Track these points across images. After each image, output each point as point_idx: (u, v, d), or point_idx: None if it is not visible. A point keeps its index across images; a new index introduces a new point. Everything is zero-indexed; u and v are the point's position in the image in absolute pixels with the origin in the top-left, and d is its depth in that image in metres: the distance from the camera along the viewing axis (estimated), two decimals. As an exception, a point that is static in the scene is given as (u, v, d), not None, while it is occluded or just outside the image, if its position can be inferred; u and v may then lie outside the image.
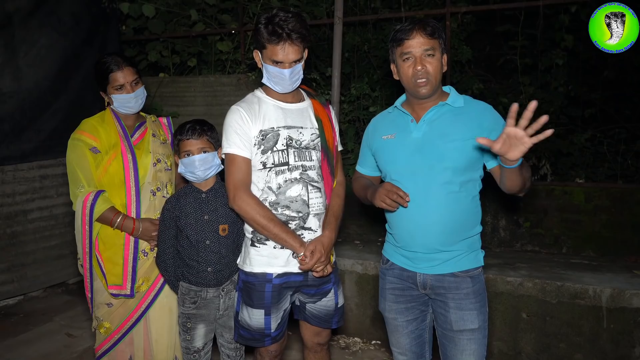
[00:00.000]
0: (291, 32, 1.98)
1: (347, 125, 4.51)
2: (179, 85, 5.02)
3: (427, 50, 1.89)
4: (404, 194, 1.88)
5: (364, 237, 4.17)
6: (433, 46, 1.90)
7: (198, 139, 2.20)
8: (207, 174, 2.23)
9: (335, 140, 2.29)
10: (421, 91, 1.92)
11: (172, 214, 2.26)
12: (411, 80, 1.93)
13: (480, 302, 1.97)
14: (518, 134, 1.57)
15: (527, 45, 4.43)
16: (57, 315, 4.01)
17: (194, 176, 2.23)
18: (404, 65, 1.94)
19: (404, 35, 1.91)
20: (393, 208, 1.93)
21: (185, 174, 2.25)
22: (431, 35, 1.89)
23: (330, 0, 4.55)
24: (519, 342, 3.06)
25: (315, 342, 2.35)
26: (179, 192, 2.32)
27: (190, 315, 2.27)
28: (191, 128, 2.21)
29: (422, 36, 1.89)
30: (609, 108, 4.69)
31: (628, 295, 2.82)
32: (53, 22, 4.37)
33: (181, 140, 2.21)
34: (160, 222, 2.30)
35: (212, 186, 2.30)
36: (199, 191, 2.28)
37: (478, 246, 2.02)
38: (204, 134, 2.22)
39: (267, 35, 1.99)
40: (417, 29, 1.89)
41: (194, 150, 2.19)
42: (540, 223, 3.79)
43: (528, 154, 4.26)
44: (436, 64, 1.91)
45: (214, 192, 2.29)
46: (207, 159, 2.21)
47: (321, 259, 2.05)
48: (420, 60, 1.90)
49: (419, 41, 1.89)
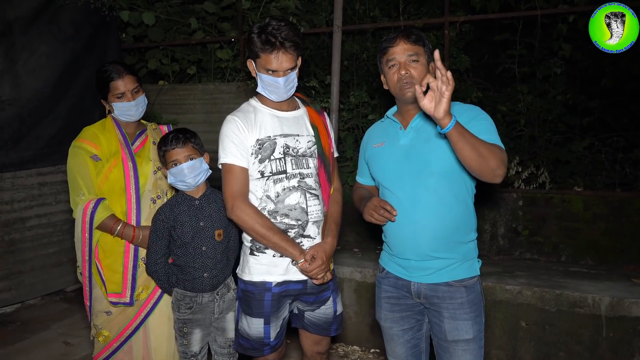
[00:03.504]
0: (284, 40, 1.99)
1: (346, 133, 4.52)
2: (179, 93, 5.02)
3: (410, 56, 1.93)
4: (391, 209, 1.93)
5: (363, 245, 4.17)
6: (417, 52, 1.94)
7: (183, 147, 2.20)
8: (197, 180, 2.23)
9: (332, 147, 2.30)
10: (407, 94, 1.95)
11: (165, 224, 2.25)
12: (397, 86, 1.97)
13: (476, 312, 1.95)
14: (439, 85, 1.63)
15: (525, 54, 4.45)
16: (55, 323, 3.98)
17: (185, 184, 2.22)
18: (390, 72, 1.98)
19: (389, 43, 1.97)
20: (381, 223, 1.99)
21: (175, 184, 2.24)
22: (415, 42, 1.94)
23: (330, 9, 4.58)
24: (518, 350, 3.05)
25: (315, 351, 2.34)
26: (170, 202, 2.30)
27: (186, 321, 2.27)
28: (175, 137, 2.20)
29: (405, 43, 1.93)
30: (607, 116, 4.71)
31: (627, 304, 2.81)
32: (53, 30, 4.39)
33: (167, 151, 2.21)
34: (152, 233, 2.27)
35: (204, 192, 2.30)
36: (191, 199, 2.27)
37: (474, 255, 2.01)
38: (188, 141, 2.22)
39: (260, 45, 2.00)
40: (401, 37, 1.95)
41: (180, 159, 2.19)
42: (539, 231, 3.80)
43: (526, 162, 4.25)
44: (421, 68, 1.94)
45: (207, 198, 2.29)
46: (195, 166, 2.20)
47: (322, 266, 2.06)
48: (404, 65, 1.94)
49: (403, 47, 1.94)
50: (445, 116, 1.65)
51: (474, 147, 1.71)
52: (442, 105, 1.63)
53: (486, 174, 1.78)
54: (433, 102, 1.65)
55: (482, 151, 1.73)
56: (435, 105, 1.65)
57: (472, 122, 1.86)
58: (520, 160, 4.14)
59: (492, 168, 1.75)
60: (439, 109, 1.64)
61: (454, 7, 4.55)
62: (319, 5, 4.77)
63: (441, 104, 1.63)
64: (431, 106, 1.66)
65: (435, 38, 4.46)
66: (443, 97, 1.62)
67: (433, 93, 1.65)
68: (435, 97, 1.65)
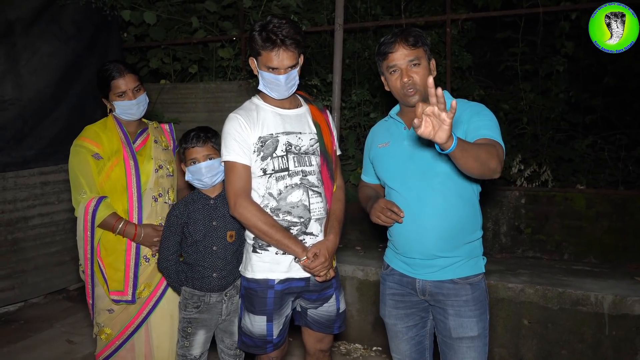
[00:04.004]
0: (285, 38, 1.99)
1: (348, 132, 4.51)
2: (180, 92, 5.03)
3: (411, 61, 1.91)
4: (398, 210, 1.93)
5: (365, 243, 4.17)
6: (417, 56, 1.92)
7: (203, 146, 2.22)
8: (214, 180, 2.25)
9: (334, 144, 2.30)
10: (411, 101, 1.95)
11: (179, 220, 2.25)
12: (400, 92, 1.96)
13: (480, 310, 1.95)
14: (435, 111, 1.47)
15: (528, 52, 4.45)
16: (58, 321, 4.00)
17: (202, 183, 2.24)
18: (392, 78, 1.97)
19: (388, 48, 1.94)
20: (389, 224, 1.98)
21: (192, 182, 2.26)
22: (414, 45, 1.91)
23: (331, 7, 4.57)
24: (520, 349, 3.05)
25: (318, 349, 2.35)
26: (186, 199, 2.31)
27: (192, 320, 2.26)
28: (196, 136, 2.23)
29: (405, 48, 1.91)
30: (609, 114, 4.69)
31: (630, 302, 2.81)
32: (55, 30, 4.40)
33: (187, 148, 2.23)
34: (166, 228, 2.29)
35: (219, 192, 2.31)
36: (207, 197, 2.29)
37: (479, 252, 2.01)
38: (209, 140, 2.24)
39: (261, 42, 2.01)
40: (399, 41, 1.91)
41: (199, 158, 2.21)
42: (542, 229, 3.79)
43: (529, 160, 4.24)
44: (423, 72, 1.92)
45: (222, 199, 2.29)
46: (213, 166, 2.22)
47: (325, 263, 2.06)
48: (406, 71, 1.92)
49: (403, 53, 1.91)
50: (447, 140, 1.52)
51: (475, 159, 1.65)
52: (443, 132, 1.49)
53: (487, 175, 1.76)
54: (430, 127, 1.50)
55: (482, 157, 1.68)
56: (436, 132, 1.50)
57: (473, 117, 1.86)
58: (522, 158, 4.14)
59: (492, 169, 1.73)
60: (441, 135, 1.50)
61: (456, 5, 4.55)
62: (320, 4, 4.77)
63: (442, 130, 1.49)
64: (430, 132, 1.50)
65: (437, 36, 4.45)
66: (444, 124, 1.48)
67: (429, 119, 1.50)
68: (433, 123, 1.50)
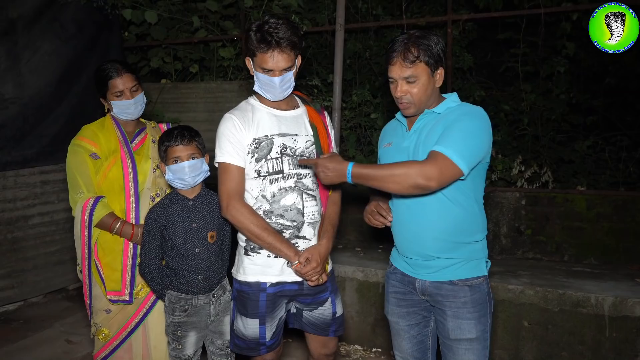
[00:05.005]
0: (281, 39, 1.94)
1: (348, 132, 4.51)
2: (181, 91, 5.03)
3: (406, 78, 1.90)
4: (386, 214, 1.99)
5: (365, 244, 4.16)
6: (414, 73, 1.88)
7: (187, 145, 2.15)
8: (196, 180, 2.19)
9: (331, 147, 2.26)
10: (405, 112, 1.97)
11: (157, 223, 2.19)
12: (397, 101, 1.98)
13: (480, 312, 1.93)
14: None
15: (529, 53, 4.44)
16: (57, 321, 3.99)
17: (183, 183, 2.17)
18: (391, 86, 1.98)
19: (389, 58, 1.93)
20: (379, 226, 2.05)
21: (173, 181, 2.18)
22: (412, 62, 1.87)
23: (332, 7, 4.57)
24: (520, 350, 3.04)
25: (322, 354, 2.30)
26: (163, 201, 2.24)
27: (181, 324, 2.21)
28: (180, 134, 2.16)
29: (401, 65, 1.89)
30: (610, 115, 4.69)
31: (630, 304, 2.79)
32: (56, 29, 4.39)
33: (169, 146, 2.15)
34: (145, 232, 2.23)
35: (198, 193, 2.25)
36: (185, 199, 2.22)
37: (480, 255, 1.99)
38: (193, 139, 2.18)
39: (256, 43, 1.97)
40: (398, 57, 1.89)
41: (183, 157, 2.14)
42: (542, 230, 3.78)
43: (529, 161, 4.23)
44: (419, 88, 1.90)
45: (201, 199, 2.24)
46: (196, 165, 2.16)
47: (317, 268, 2.04)
48: (401, 85, 1.92)
49: (400, 69, 1.90)
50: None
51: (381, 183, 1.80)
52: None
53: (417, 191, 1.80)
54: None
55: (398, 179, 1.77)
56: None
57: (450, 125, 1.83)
58: (523, 160, 4.13)
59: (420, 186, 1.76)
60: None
61: (457, 6, 4.55)
62: (321, 4, 4.77)
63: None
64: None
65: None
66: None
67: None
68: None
